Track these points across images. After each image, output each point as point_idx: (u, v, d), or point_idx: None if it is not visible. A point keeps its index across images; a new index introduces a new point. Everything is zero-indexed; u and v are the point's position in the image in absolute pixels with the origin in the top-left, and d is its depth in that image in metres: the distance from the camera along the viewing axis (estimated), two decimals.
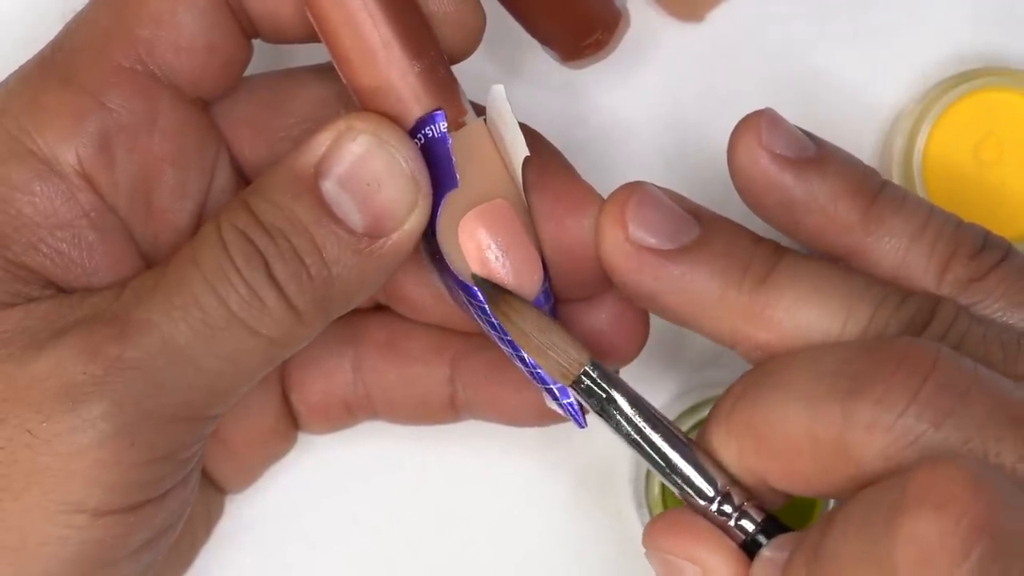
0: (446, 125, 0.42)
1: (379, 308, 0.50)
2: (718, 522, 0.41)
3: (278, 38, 0.44)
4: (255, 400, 0.50)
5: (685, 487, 0.41)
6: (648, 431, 0.42)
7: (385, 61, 0.42)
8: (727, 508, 0.41)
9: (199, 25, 0.43)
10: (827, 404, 0.39)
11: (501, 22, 0.49)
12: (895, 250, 0.42)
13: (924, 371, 0.38)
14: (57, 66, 0.43)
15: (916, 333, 0.40)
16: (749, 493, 0.41)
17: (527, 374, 0.44)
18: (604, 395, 0.42)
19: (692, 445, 0.42)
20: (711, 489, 0.41)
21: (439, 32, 0.43)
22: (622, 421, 0.42)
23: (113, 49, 0.43)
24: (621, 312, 0.46)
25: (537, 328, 0.42)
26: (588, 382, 0.42)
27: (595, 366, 0.42)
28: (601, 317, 0.46)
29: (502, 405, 0.49)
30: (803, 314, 0.41)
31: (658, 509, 0.52)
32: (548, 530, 0.55)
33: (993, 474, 0.36)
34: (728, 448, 0.41)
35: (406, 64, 0.42)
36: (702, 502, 0.41)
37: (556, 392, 0.43)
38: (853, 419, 0.38)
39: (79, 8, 0.44)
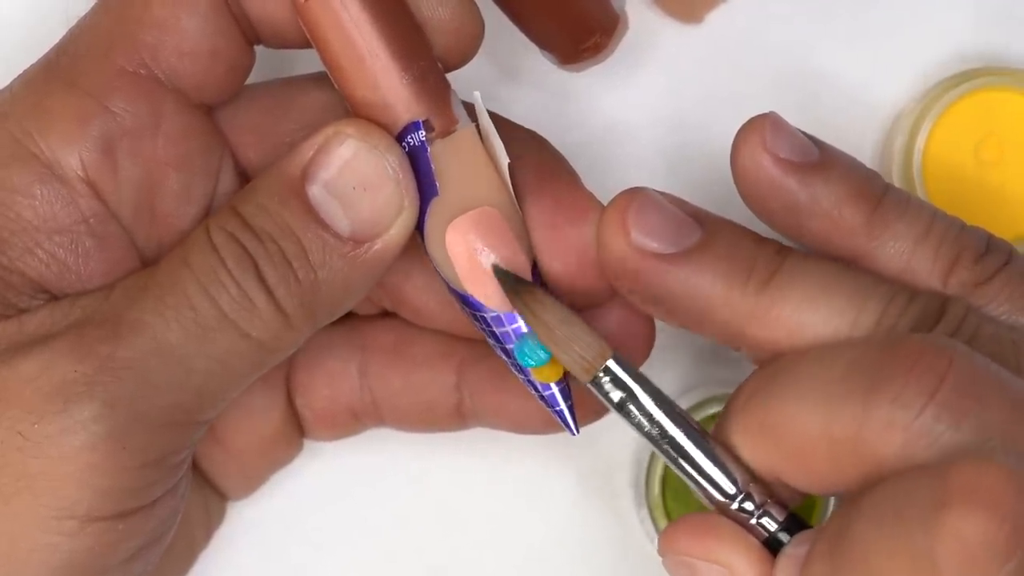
0: (425, 134, 0.42)
1: (385, 314, 0.50)
2: (739, 520, 0.41)
3: (280, 43, 0.44)
4: (260, 405, 0.50)
5: (705, 484, 0.41)
6: (670, 427, 0.41)
7: (373, 70, 0.42)
8: (748, 506, 0.41)
9: (202, 30, 0.43)
10: (844, 402, 0.39)
11: (500, 24, 0.49)
12: (899, 254, 0.42)
13: (941, 370, 0.38)
14: (61, 70, 0.43)
15: (926, 331, 0.40)
16: (770, 491, 0.41)
17: (523, 381, 0.44)
18: (626, 390, 0.42)
19: (714, 442, 0.41)
20: (733, 486, 0.41)
21: (436, 39, 0.43)
22: (642, 417, 0.41)
23: (117, 53, 0.43)
24: (626, 319, 0.46)
25: (560, 320, 0.42)
26: (609, 377, 0.42)
27: (618, 360, 0.42)
28: (606, 325, 0.46)
29: (508, 412, 0.49)
30: (811, 313, 0.41)
31: (659, 511, 0.52)
32: (550, 532, 0.55)
33: None
34: (742, 446, 0.41)
35: (395, 73, 0.42)
36: (723, 499, 0.41)
37: (547, 399, 0.43)
38: (870, 418, 0.38)
39: (81, 12, 0.44)
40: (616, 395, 0.42)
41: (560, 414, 0.43)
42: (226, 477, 0.51)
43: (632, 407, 0.42)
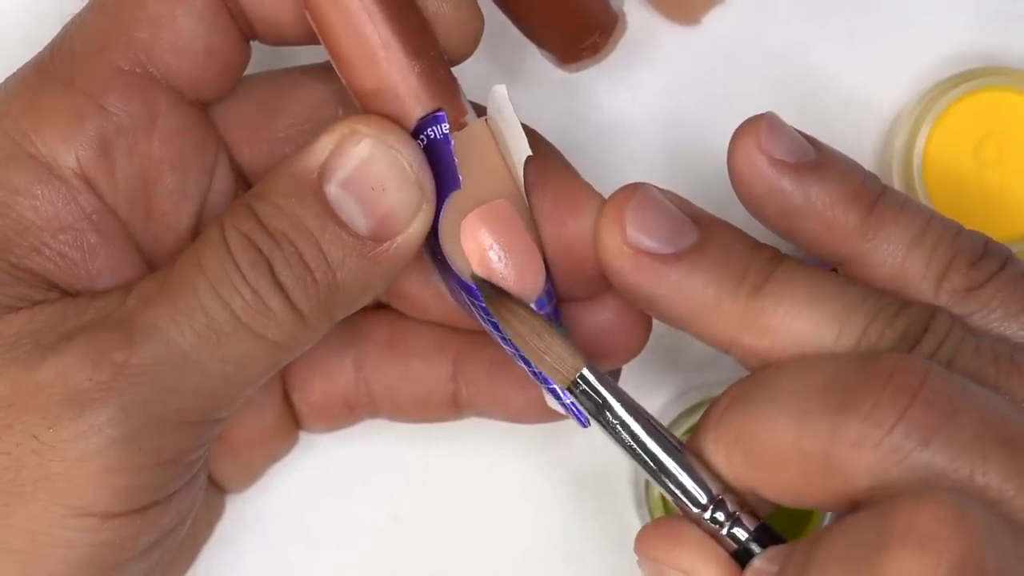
0: (448, 126, 0.42)
1: (380, 306, 0.50)
2: (710, 530, 0.41)
3: (276, 40, 0.44)
4: (256, 400, 0.50)
5: (678, 493, 0.41)
6: (643, 436, 0.42)
7: (385, 62, 0.42)
8: (720, 516, 0.41)
9: (197, 27, 0.43)
10: (815, 419, 0.39)
11: (500, 22, 0.49)
12: (893, 257, 0.42)
13: (913, 389, 0.38)
14: (56, 69, 0.43)
15: (910, 346, 0.40)
16: (743, 500, 0.41)
17: (529, 373, 0.44)
18: (599, 400, 0.42)
19: (686, 452, 0.42)
20: (704, 496, 0.41)
21: (438, 33, 0.43)
22: (617, 426, 0.42)
23: (112, 52, 0.43)
24: (623, 310, 0.46)
25: (533, 332, 0.42)
26: (584, 386, 0.42)
27: (591, 371, 0.42)
28: (604, 315, 0.46)
29: (505, 403, 0.49)
30: (797, 324, 0.41)
31: (658, 510, 0.52)
32: (548, 530, 0.55)
33: (977, 508, 0.36)
34: (716, 457, 0.41)
35: (406, 65, 0.42)
36: (695, 509, 0.41)
37: (558, 391, 0.43)
38: (840, 435, 0.38)
39: (75, 10, 0.44)
40: (589, 405, 0.42)
41: (571, 406, 0.43)
42: (224, 471, 0.51)
43: (608, 415, 0.42)
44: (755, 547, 0.41)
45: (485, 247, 0.43)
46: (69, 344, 0.41)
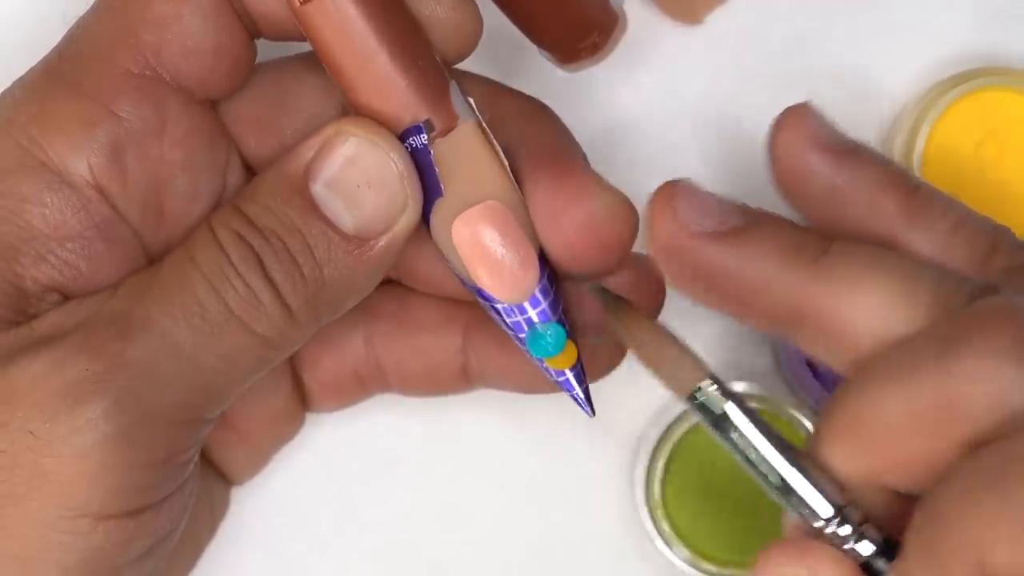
0: (426, 137, 0.42)
1: (387, 281, 0.50)
2: (836, 543, 0.40)
3: (280, 36, 0.44)
4: (267, 381, 0.50)
5: (801, 508, 0.40)
6: (764, 450, 0.41)
7: (373, 73, 0.42)
8: (845, 529, 0.40)
9: (204, 27, 0.43)
10: (927, 370, 0.38)
11: (500, 23, 0.48)
12: (936, 240, 0.42)
13: (1019, 321, 0.38)
14: (64, 74, 0.43)
15: None
16: (866, 514, 0.40)
17: (537, 364, 0.44)
18: (719, 411, 0.41)
19: (809, 464, 0.41)
20: (829, 509, 0.40)
21: (434, 36, 0.43)
22: (736, 439, 0.41)
23: (120, 55, 0.42)
24: (637, 279, 0.46)
25: (654, 340, 0.42)
26: (703, 398, 0.41)
27: (712, 382, 0.41)
28: (618, 280, 0.46)
29: (515, 374, 0.49)
30: (866, 287, 0.40)
31: (659, 511, 0.52)
32: (550, 530, 0.55)
33: None
34: (834, 458, 0.40)
35: (395, 75, 0.42)
36: (818, 523, 0.40)
37: (562, 384, 0.44)
38: (956, 375, 0.38)
39: (80, 13, 0.44)
40: (710, 415, 0.41)
41: (576, 398, 0.44)
42: (233, 461, 0.51)
43: (727, 426, 0.41)
44: (882, 562, 0.40)
45: (477, 247, 0.43)
46: (64, 339, 0.41)
